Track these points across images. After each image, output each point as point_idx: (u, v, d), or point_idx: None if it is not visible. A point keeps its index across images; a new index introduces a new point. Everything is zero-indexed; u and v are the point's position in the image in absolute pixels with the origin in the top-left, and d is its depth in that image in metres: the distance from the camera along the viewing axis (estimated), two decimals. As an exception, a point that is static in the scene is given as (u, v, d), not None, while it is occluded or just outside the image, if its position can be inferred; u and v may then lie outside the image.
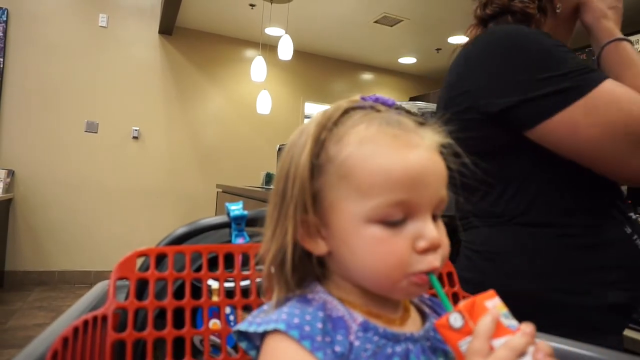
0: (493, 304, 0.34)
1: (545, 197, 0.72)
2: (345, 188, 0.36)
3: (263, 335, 0.36)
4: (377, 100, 0.40)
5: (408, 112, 0.40)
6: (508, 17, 0.80)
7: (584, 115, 0.65)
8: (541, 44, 0.70)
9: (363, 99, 0.40)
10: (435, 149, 0.38)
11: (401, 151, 0.35)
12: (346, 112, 0.39)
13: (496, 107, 0.70)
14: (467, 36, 0.84)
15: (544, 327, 0.66)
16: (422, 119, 0.39)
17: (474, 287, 0.72)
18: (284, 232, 0.37)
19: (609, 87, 0.66)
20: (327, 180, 0.37)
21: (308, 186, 0.36)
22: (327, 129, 0.37)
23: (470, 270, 0.75)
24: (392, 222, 0.35)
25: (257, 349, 0.37)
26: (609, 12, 0.82)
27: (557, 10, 0.83)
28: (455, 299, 0.61)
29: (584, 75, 0.66)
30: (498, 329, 0.33)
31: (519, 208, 0.72)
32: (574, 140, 0.66)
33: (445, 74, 0.87)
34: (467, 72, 0.75)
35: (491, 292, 0.35)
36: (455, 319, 0.34)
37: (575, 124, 0.65)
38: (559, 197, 0.72)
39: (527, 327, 0.33)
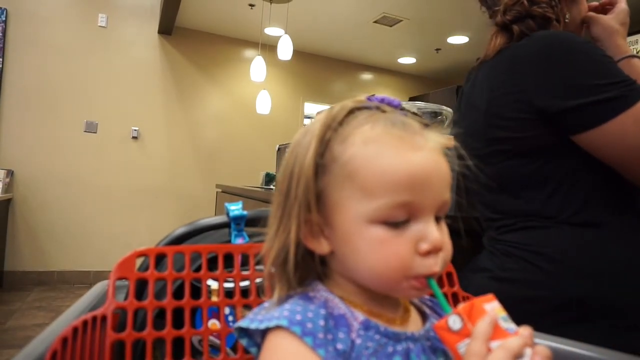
0: (491, 307, 0.34)
1: (597, 196, 0.74)
2: (349, 188, 0.36)
3: (264, 332, 0.36)
4: (382, 100, 0.40)
5: (413, 113, 0.40)
6: (530, 21, 0.82)
7: (632, 124, 0.67)
8: (595, 52, 0.72)
9: (369, 99, 0.40)
10: (439, 151, 0.38)
11: (405, 153, 0.35)
12: (351, 112, 0.39)
13: (556, 108, 0.71)
14: (494, 44, 0.86)
15: (616, 332, 0.67)
16: (427, 121, 0.39)
17: (532, 288, 0.72)
18: (287, 230, 0.37)
19: None
20: (331, 180, 0.37)
21: (312, 185, 0.36)
22: (332, 128, 0.37)
23: (528, 272, 0.74)
24: (395, 224, 0.35)
25: (258, 346, 0.37)
26: (620, 29, 0.86)
27: (566, 20, 0.86)
28: (455, 299, 0.61)
29: (631, 85, 0.69)
30: (496, 332, 0.33)
31: (572, 208, 0.74)
32: (620, 147, 0.69)
33: (477, 76, 0.88)
34: (522, 72, 0.76)
35: (490, 295, 0.35)
36: (454, 322, 0.34)
37: (624, 131, 0.68)
38: (609, 197, 0.74)
39: (525, 330, 0.33)
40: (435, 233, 0.36)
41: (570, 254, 0.72)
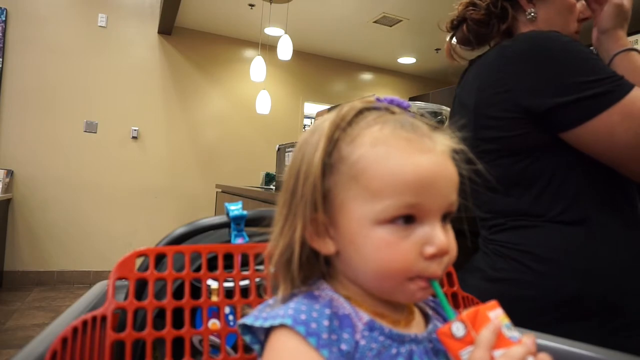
0: (495, 315, 0.34)
1: (587, 194, 0.73)
2: (356, 188, 0.36)
3: (268, 330, 0.36)
4: (392, 102, 0.40)
5: (422, 115, 0.40)
6: (464, 26, 0.87)
7: (620, 119, 0.67)
8: (580, 49, 0.72)
9: (378, 100, 0.40)
10: (447, 154, 0.38)
11: (413, 155, 0.35)
12: (360, 112, 0.39)
13: (541, 107, 0.71)
14: (447, 47, 0.92)
15: (608, 330, 0.67)
16: (435, 123, 0.39)
17: (523, 288, 0.72)
18: (292, 229, 0.37)
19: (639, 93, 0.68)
20: (338, 180, 0.37)
21: (319, 185, 0.36)
22: (341, 128, 0.37)
23: (519, 272, 0.74)
24: (401, 226, 0.35)
25: (261, 343, 0.37)
26: (623, 22, 0.86)
27: (529, 17, 0.85)
28: (455, 299, 0.61)
29: (617, 81, 0.69)
30: (500, 340, 0.33)
31: (561, 206, 0.73)
32: (609, 143, 0.68)
33: (467, 77, 0.89)
34: (508, 72, 0.76)
35: (494, 302, 0.35)
36: (457, 328, 0.34)
37: (612, 127, 0.67)
38: (600, 194, 0.74)
39: (528, 339, 0.33)
40: (442, 236, 0.35)
41: (562, 252, 0.71)
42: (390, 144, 0.36)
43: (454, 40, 0.93)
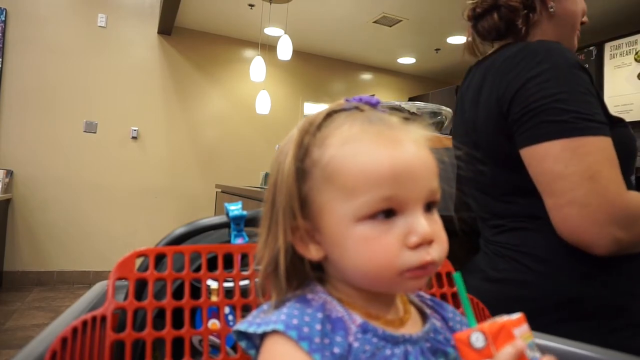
0: (520, 332, 0.33)
1: None
2: (332, 190, 0.36)
3: (262, 335, 0.36)
4: (360, 100, 0.40)
5: (395, 109, 0.40)
6: (495, 14, 0.83)
7: (559, 151, 0.67)
8: (585, 82, 0.71)
9: (347, 100, 0.40)
10: (421, 143, 0.37)
11: (385, 147, 0.35)
12: (329, 115, 0.39)
13: (510, 117, 0.72)
14: (467, 44, 0.89)
15: (608, 331, 0.67)
16: (408, 115, 0.39)
17: (523, 288, 0.72)
18: (275, 239, 0.38)
19: (599, 144, 0.67)
20: (314, 184, 0.37)
21: (295, 191, 0.36)
22: (310, 133, 0.37)
23: (519, 273, 0.74)
24: (381, 220, 0.35)
25: (257, 348, 0.37)
26: None
27: (551, 10, 0.84)
28: (455, 299, 0.61)
29: (590, 122, 0.67)
30: None
31: None
32: (537, 171, 0.70)
33: (471, 77, 0.88)
34: (498, 77, 0.76)
35: (521, 317, 0.34)
36: (477, 339, 0.33)
37: (544, 156, 0.68)
38: None
39: None
40: (424, 225, 0.35)
41: (562, 253, 0.71)
42: (360, 140, 0.36)
43: (473, 31, 0.90)
